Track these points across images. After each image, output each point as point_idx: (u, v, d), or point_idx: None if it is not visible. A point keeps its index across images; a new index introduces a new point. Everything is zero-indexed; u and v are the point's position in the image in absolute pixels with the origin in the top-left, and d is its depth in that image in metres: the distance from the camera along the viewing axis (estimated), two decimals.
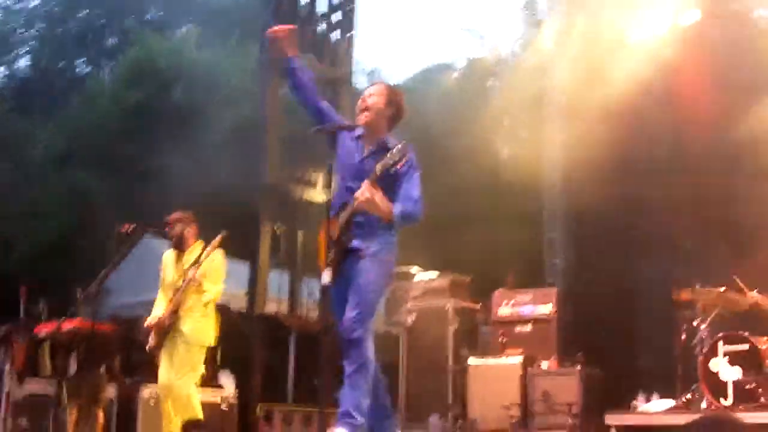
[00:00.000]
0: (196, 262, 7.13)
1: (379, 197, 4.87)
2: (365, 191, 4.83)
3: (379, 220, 5.04)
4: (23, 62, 32.50)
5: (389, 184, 4.99)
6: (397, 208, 4.96)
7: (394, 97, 5.37)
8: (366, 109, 5.31)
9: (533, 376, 10.01)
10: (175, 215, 7.40)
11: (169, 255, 7.51)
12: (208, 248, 7.04)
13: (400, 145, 4.88)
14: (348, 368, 4.97)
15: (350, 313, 5.00)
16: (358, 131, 5.39)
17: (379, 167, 4.87)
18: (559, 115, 14.68)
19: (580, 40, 14.38)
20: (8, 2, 33.40)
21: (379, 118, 5.30)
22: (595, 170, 12.96)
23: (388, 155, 4.84)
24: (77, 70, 32.70)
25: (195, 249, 7.24)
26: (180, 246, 7.29)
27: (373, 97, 5.32)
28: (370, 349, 5.01)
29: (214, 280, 7.07)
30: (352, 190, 5.06)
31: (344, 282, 5.10)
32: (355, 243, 5.12)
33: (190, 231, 7.35)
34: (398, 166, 4.87)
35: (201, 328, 6.99)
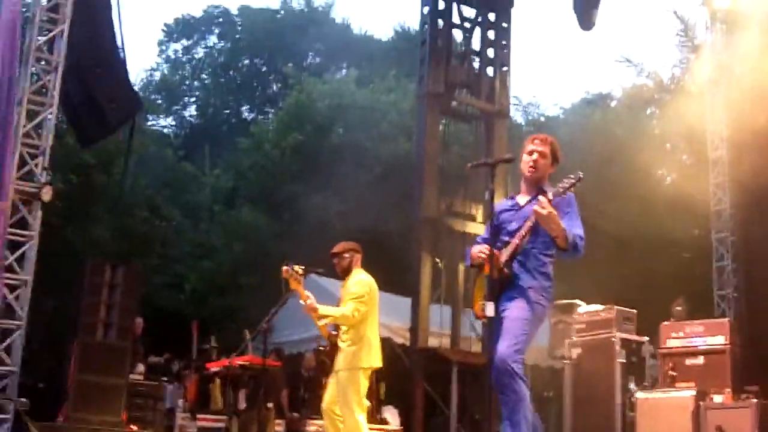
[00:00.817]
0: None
1: (555, 213, 4.95)
2: (545, 205, 4.89)
3: (540, 262, 5.16)
4: (191, 111, 34.05)
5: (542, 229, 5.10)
6: (569, 231, 5.00)
7: (557, 153, 5.49)
8: (534, 167, 5.40)
9: (706, 409, 9.62)
10: (342, 245, 7.46)
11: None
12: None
13: (574, 175, 5.01)
14: (506, 405, 4.93)
15: (504, 342, 5.00)
16: (510, 195, 5.61)
17: (552, 192, 4.99)
18: (722, 140, 14.23)
19: (741, 62, 13.93)
20: (176, 55, 35.13)
21: (545, 175, 5.44)
22: (764, 195, 12.45)
23: (564, 180, 4.92)
24: (243, 116, 34.01)
25: (352, 276, 7.28)
26: (346, 275, 7.35)
27: (541, 156, 5.41)
28: (525, 384, 4.97)
29: (351, 298, 7.03)
30: (512, 235, 5.21)
31: (499, 319, 5.11)
32: (513, 280, 5.17)
33: (355, 259, 7.40)
34: (571, 190, 4.96)
35: (354, 352, 7.00)
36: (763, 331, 11.96)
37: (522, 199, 5.43)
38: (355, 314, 6.96)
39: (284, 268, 7.08)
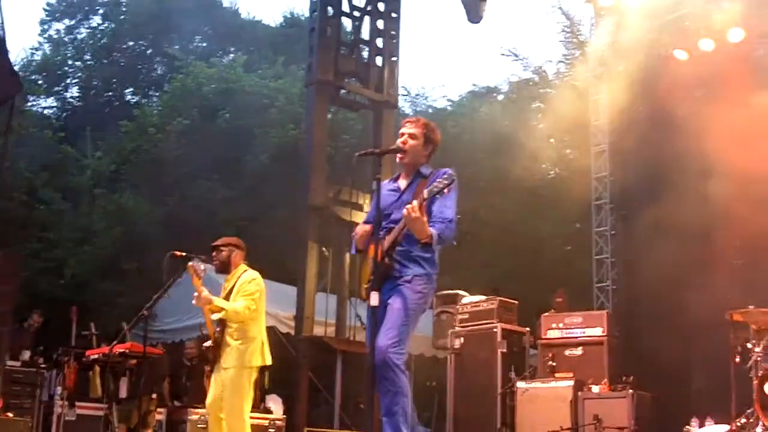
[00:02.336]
0: (232, 288, 7.11)
1: (424, 219, 4.97)
2: (414, 209, 4.89)
3: (421, 250, 5.16)
4: (72, 92, 33.06)
5: (427, 206, 5.10)
6: (434, 230, 5.03)
7: (431, 135, 5.49)
8: (404, 152, 5.42)
9: (584, 399, 9.87)
10: (224, 239, 7.38)
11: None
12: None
13: (448, 173, 4.98)
14: (384, 398, 4.95)
15: (386, 335, 5.01)
16: (391, 179, 5.59)
17: (426, 192, 4.97)
18: (605, 135, 14.61)
19: (623, 58, 14.33)
20: (58, 35, 34.03)
21: (418, 157, 5.45)
22: (642, 191, 12.84)
23: (438, 181, 4.90)
24: (126, 98, 33.21)
25: (237, 273, 7.20)
26: (224, 270, 7.26)
27: (410, 137, 5.43)
28: (405, 375, 4.99)
29: (242, 297, 6.96)
30: (395, 222, 5.21)
31: (382, 307, 5.13)
32: (396, 269, 5.19)
33: (236, 255, 7.31)
34: (446, 192, 4.94)
35: (243, 350, 6.92)
36: (639, 323, 12.35)
37: (402, 182, 5.46)
38: (246, 312, 6.90)
39: (190, 264, 6.96)
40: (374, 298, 5.14)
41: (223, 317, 6.97)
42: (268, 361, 7.12)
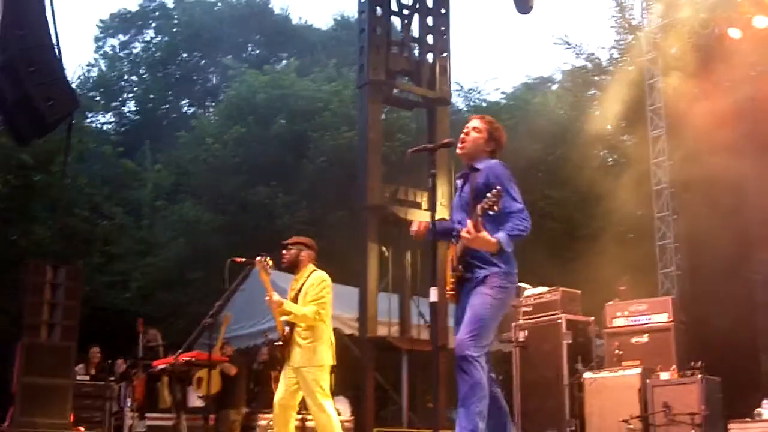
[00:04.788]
0: (300, 288, 7.15)
1: (483, 235, 4.91)
2: (470, 231, 4.89)
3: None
4: (130, 107, 33.61)
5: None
6: (502, 234, 4.98)
7: (496, 133, 5.41)
8: (463, 141, 5.38)
9: (653, 387, 9.75)
10: (294, 238, 7.38)
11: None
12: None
13: (496, 190, 4.86)
14: (462, 389, 4.95)
15: (463, 331, 5.04)
16: (459, 179, 5.49)
17: (479, 209, 4.90)
18: (662, 119, 14.42)
19: (676, 41, 14.14)
20: (113, 51, 34.60)
21: (478, 151, 5.36)
22: (703, 174, 12.65)
23: (488, 196, 4.87)
24: (183, 110, 33.67)
25: (305, 273, 7.22)
26: (292, 269, 7.28)
27: (473, 130, 5.38)
28: (483, 370, 4.98)
29: (311, 300, 7.01)
30: (460, 222, 5.18)
31: (461, 309, 5.18)
32: (470, 272, 5.18)
33: (305, 255, 7.32)
34: (496, 209, 4.88)
35: (315, 349, 6.98)
36: (705, 308, 12.17)
37: (461, 179, 5.42)
38: (315, 317, 6.98)
39: (258, 258, 7.04)
40: (433, 294, 5.25)
41: (291, 320, 7.05)
42: (334, 361, 7.18)
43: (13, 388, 10.06)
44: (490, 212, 4.86)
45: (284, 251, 7.29)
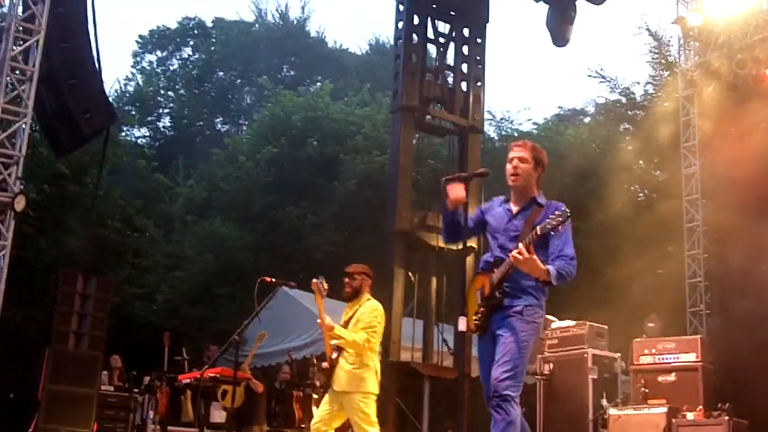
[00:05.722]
0: (352, 315, 7.18)
1: (535, 258, 4.90)
2: (522, 252, 4.86)
3: (532, 280, 5.08)
4: (165, 122, 33.93)
5: (540, 241, 5.02)
6: (552, 267, 4.98)
7: (540, 157, 5.40)
8: (516, 174, 5.34)
9: (678, 427, 9.66)
10: (356, 267, 7.41)
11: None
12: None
13: (561, 209, 4.92)
14: (497, 426, 4.89)
15: (501, 368, 4.97)
16: (504, 198, 5.47)
17: (539, 229, 4.90)
18: (696, 157, 14.35)
19: (713, 79, 14.10)
20: (151, 67, 35.00)
21: (530, 180, 5.36)
22: (737, 210, 12.55)
23: (550, 218, 4.87)
24: (217, 128, 33.94)
25: (360, 301, 7.25)
26: (353, 298, 7.31)
27: (521, 161, 5.35)
28: (518, 409, 4.95)
29: (362, 327, 7.05)
30: (504, 249, 5.15)
31: (490, 338, 5.15)
32: (506, 301, 5.14)
33: (366, 284, 7.37)
34: (559, 229, 4.90)
35: (362, 376, 7.00)
36: (734, 349, 12.03)
37: (513, 207, 5.35)
38: (366, 344, 7.03)
39: (314, 280, 7.05)
40: (462, 323, 5.27)
41: (341, 345, 7.07)
42: (378, 390, 7.22)
43: (39, 395, 10.14)
44: (552, 232, 4.88)
45: (347, 280, 7.31)
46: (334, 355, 7.12)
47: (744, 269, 12.32)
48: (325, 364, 7.25)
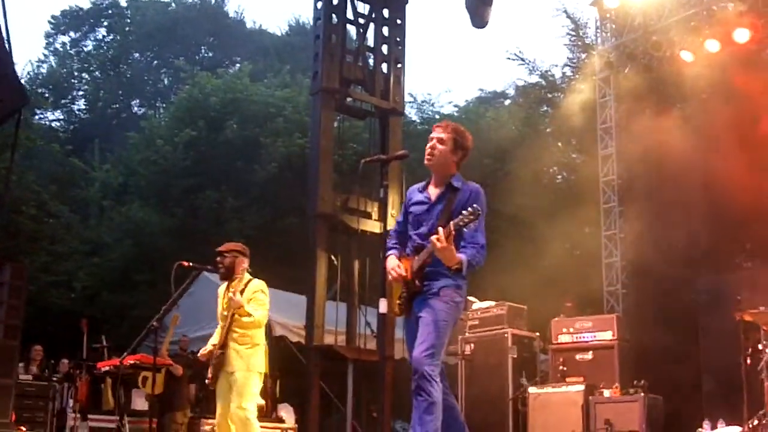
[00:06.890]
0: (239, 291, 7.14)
1: (452, 248, 4.92)
2: (441, 239, 4.86)
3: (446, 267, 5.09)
4: (79, 105, 33.22)
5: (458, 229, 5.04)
6: (464, 257, 5.00)
7: (461, 140, 5.35)
8: (431, 155, 5.31)
9: (595, 404, 9.86)
10: (228, 245, 7.38)
11: (222, 287, 7.51)
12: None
13: (472, 208, 4.85)
14: (419, 407, 4.93)
15: (419, 347, 5.00)
16: (424, 184, 5.43)
17: (452, 225, 4.89)
18: (612, 138, 14.58)
19: (629, 62, 14.33)
20: (64, 48, 34.18)
21: (447, 162, 5.31)
22: (652, 192, 12.81)
23: (464, 213, 4.85)
24: (133, 110, 33.34)
25: (243, 280, 7.21)
26: (228, 277, 7.27)
27: (439, 142, 5.31)
28: (439, 389, 4.97)
29: (258, 306, 7.03)
30: (423, 236, 5.16)
31: (415, 320, 5.17)
32: (426, 283, 5.17)
33: (240, 262, 7.31)
34: (472, 226, 4.90)
35: (250, 356, 6.98)
36: (649, 326, 12.31)
37: (433, 191, 5.32)
38: (263, 321, 7.10)
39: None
40: (382, 305, 5.33)
41: (247, 322, 7.01)
42: (266, 369, 7.23)
43: None
44: (465, 229, 4.86)
45: (219, 258, 7.28)
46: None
47: (659, 248, 12.59)
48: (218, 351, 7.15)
